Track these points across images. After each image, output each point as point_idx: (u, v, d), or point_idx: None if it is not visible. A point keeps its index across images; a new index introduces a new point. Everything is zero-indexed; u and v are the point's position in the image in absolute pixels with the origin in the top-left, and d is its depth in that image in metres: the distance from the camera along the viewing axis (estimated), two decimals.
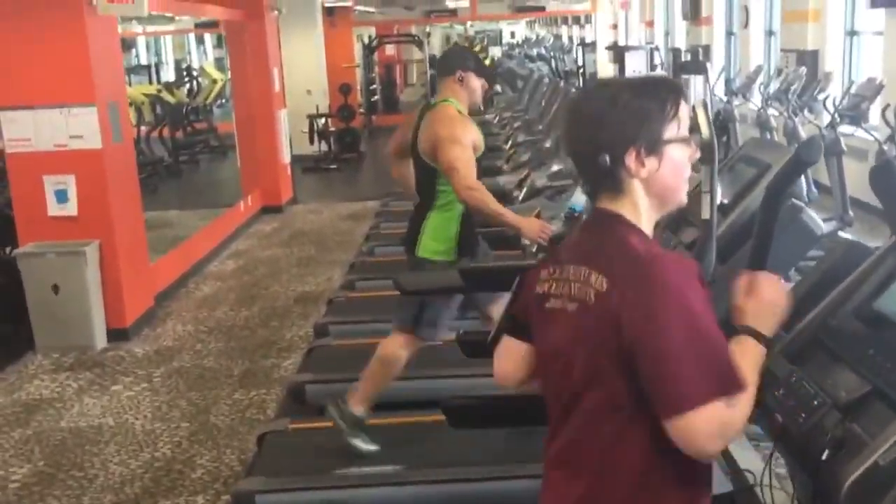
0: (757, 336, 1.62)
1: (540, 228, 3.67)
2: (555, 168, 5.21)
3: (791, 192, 2.34)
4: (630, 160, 1.59)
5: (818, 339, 1.79)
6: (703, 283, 1.57)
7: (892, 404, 1.50)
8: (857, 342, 1.71)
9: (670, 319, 1.48)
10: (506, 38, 37.04)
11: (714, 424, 1.47)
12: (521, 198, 4.75)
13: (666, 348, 1.48)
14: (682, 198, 1.68)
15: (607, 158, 1.59)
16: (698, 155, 1.71)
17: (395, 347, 3.72)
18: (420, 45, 19.62)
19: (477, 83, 3.80)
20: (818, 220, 2.32)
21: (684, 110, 1.63)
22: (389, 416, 3.95)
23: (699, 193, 2.22)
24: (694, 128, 1.69)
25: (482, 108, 12.55)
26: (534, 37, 35.38)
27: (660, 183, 1.62)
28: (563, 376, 1.67)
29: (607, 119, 1.60)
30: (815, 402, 1.60)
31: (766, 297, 1.65)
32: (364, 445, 3.72)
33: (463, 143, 3.61)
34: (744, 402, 1.51)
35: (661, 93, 1.62)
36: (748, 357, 1.59)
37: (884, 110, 6.67)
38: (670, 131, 1.60)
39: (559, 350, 1.67)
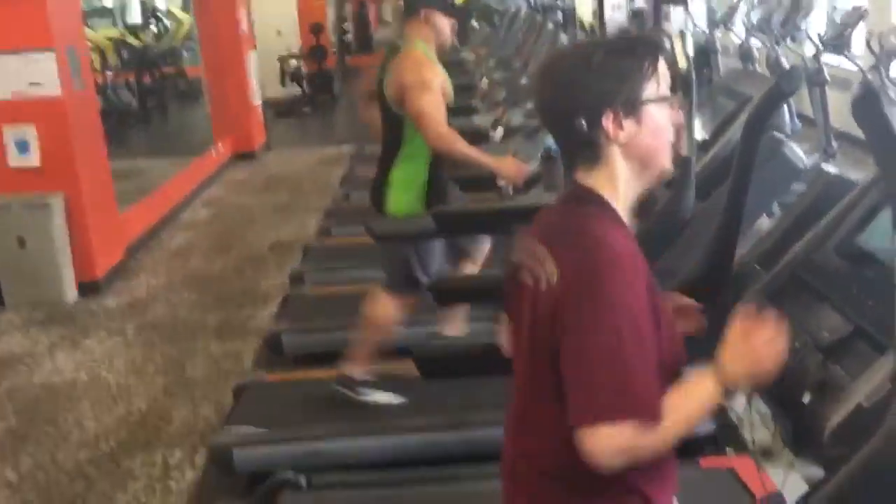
0: (721, 379, 1.49)
1: (516, 168, 3.62)
2: (531, 105, 5.13)
3: (772, 125, 2.29)
4: (607, 123, 1.51)
5: (799, 276, 1.76)
6: (651, 285, 1.51)
7: (875, 344, 1.48)
8: (840, 280, 1.68)
9: (598, 323, 1.43)
10: None
11: (616, 445, 1.42)
12: (497, 137, 4.68)
13: (586, 352, 1.44)
14: (666, 163, 1.58)
15: (584, 123, 1.51)
16: (681, 118, 1.63)
17: (384, 309, 3.67)
18: None
19: (444, 22, 3.67)
20: (800, 153, 2.28)
21: (663, 68, 1.55)
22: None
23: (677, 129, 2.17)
24: (685, 86, 1.62)
25: (457, 46, 12.39)
26: None
27: (640, 147, 1.54)
28: (516, 354, 1.66)
29: (581, 81, 1.52)
30: (797, 343, 1.57)
31: (757, 352, 1.48)
32: (387, 398, 3.65)
33: (431, 88, 3.50)
34: (661, 434, 1.44)
35: (637, 50, 1.54)
36: (695, 395, 1.49)
37: (867, 38, 6.59)
38: (649, 91, 1.52)
39: (517, 326, 1.64)
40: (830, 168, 6.84)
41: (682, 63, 1.93)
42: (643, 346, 1.44)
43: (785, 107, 7.76)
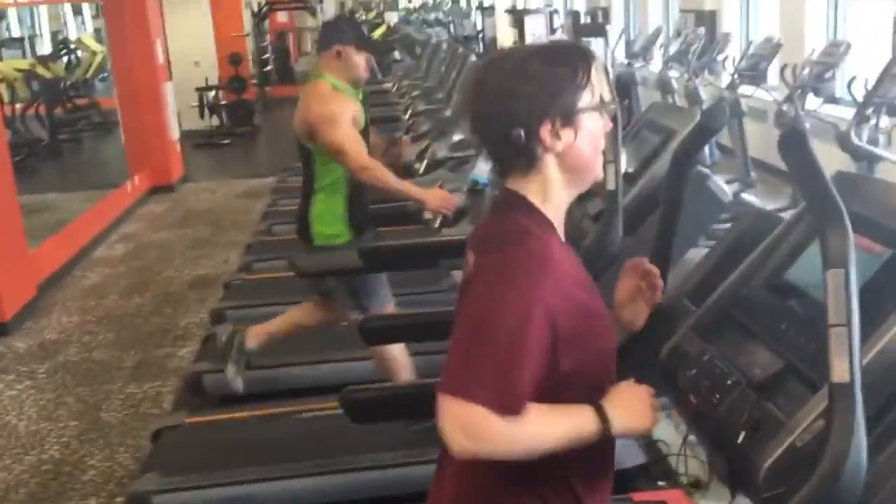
0: (602, 416, 1.48)
1: (444, 199, 3.63)
2: (456, 138, 5.15)
3: (696, 159, 2.32)
4: (545, 133, 1.51)
5: (730, 313, 1.77)
6: (584, 288, 1.51)
7: (807, 381, 1.49)
8: (770, 315, 1.69)
9: (493, 302, 1.43)
10: (402, 3, 36.74)
11: (461, 421, 1.39)
12: (421, 170, 4.68)
13: (467, 325, 1.45)
14: (598, 171, 1.60)
15: (522, 133, 1.50)
16: (611, 125, 1.63)
17: (312, 313, 3.74)
18: (312, 11, 19.27)
19: (358, 58, 3.67)
20: (724, 188, 2.32)
21: (595, 77, 1.55)
22: (289, 405, 3.85)
23: (604, 163, 2.18)
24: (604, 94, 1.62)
25: (380, 77, 12.42)
26: (431, 1, 35.20)
27: (575, 156, 1.54)
28: None
29: (518, 90, 1.50)
30: (729, 382, 1.58)
31: (629, 394, 1.52)
32: (235, 379, 3.73)
33: (340, 121, 3.51)
34: (514, 432, 1.41)
35: (571, 59, 1.54)
36: (571, 417, 1.48)
37: (782, 70, 6.81)
38: (584, 100, 1.52)
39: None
40: (750, 196, 7.00)
41: (606, 94, 1.94)
42: (529, 341, 1.42)
43: None
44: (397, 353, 3.59)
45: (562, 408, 1.48)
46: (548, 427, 1.46)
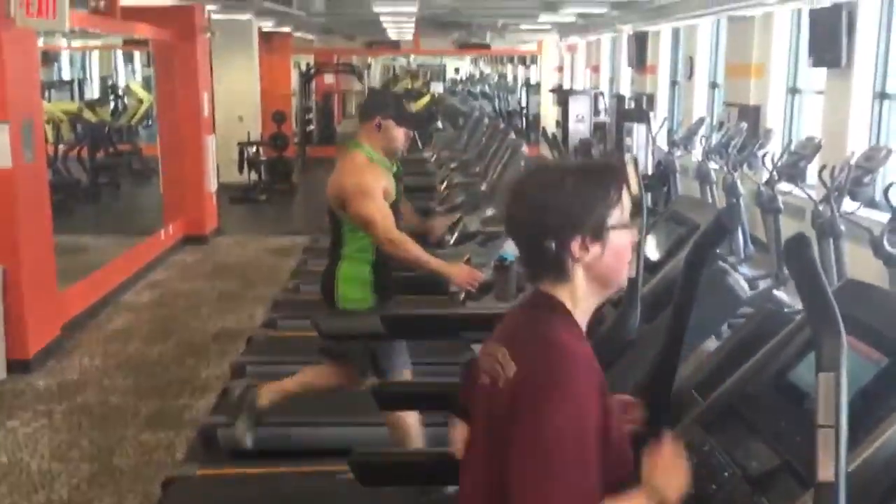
0: (653, 491, 1.60)
1: (469, 275, 3.72)
2: (488, 213, 5.26)
3: (717, 255, 2.41)
4: (575, 247, 1.63)
5: (734, 407, 1.84)
6: (603, 389, 1.59)
7: (800, 479, 1.55)
8: (771, 413, 1.76)
9: (561, 419, 1.51)
10: (450, 74, 37.42)
11: None
12: (451, 242, 4.79)
13: (541, 444, 1.51)
14: (623, 280, 1.71)
15: (553, 245, 1.62)
16: (638, 237, 1.77)
17: (326, 374, 3.81)
18: (359, 75, 19.72)
19: (397, 132, 3.82)
20: (743, 284, 2.39)
21: (626, 195, 1.68)
22: (300, 464, 3.91)
23: None
24: (635, 210, 1.74)
25: (420, 146, 12.65)
26: (478, 74, 35.83)
27: (602, 268, 1.66)
28: (466, 460, 1.74)
29: (553, 204, 1.63)
30: (726, 473, 1.64)
31: (666, 460, 1.64)
32: (244, 435, 3.83)
33: (373, 194, 3.64)
34: None
35: (605, 178, 1.66)
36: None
37: (820, 170, 6.89)
38: (614, 217, 1.64)
39: (474, 427, 1.73)
40: (782, 293, 7.01)
41: (633, 188, 2.05)
42: (591, 451, 1.52)
43: (740, 232, 8.05)
44: (411, 420, 3.66)
45: (621, 500, 1.57)
46: None
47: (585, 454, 1.51)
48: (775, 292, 7.07)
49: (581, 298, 1.67)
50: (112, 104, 16.03)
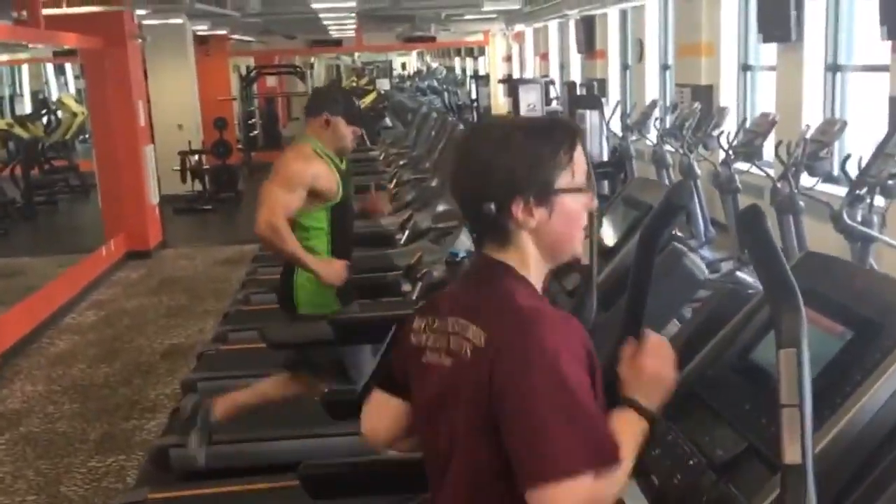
0: (638, 409, 1.58)
1: (339, 271, 3.71)
2: (440, 209, 5.23)
3: (673, 237, 2.39)
4: (517, 210, 1.55)
5: (696, 392, 1.81)
6: (587, 346, 1.54)
7: (768, 462, 1.53)
8: (734, 396, 1.74)
9: (543, 382, 1.45)
10: (396, 70, 37.38)
11: (579, 500, 1.42)
12: (402, 240, 4.75)
13: (533, 410, 1.44)
14: (576, 248, 1.65)
15: (493, 207, 1.55)
16: (595, 203, 1.69)
17: (280, 385, 3.80)
18: (302, 76, 19.61)
19: (345, 130, 3.79)
20: (701, 265, 2.38)
21: (580, 156, 1.60)
22: (252, 482, 3.85)
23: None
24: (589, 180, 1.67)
25: (369, 144, 12.59)
26: (425, 69, 35.83)
27: (551, 234, 1.59)
28: (434, 438, 1.65)
29: (495, 163, 1.55)
30: (691, 462, 1.61)
31: (650, 368, 1.62)
32: (197, 451, 3.81)
33: (288, 182, 3.61)
34: (616, 478, 1.47)
35: (555, 136, 1.58)
36: (626, 430, 1.54)
37: (777, 146, 6.95)
38: (563, 179, 1.57)
39: (431, 408, 1.64)
40: (745, 274, 7.07)
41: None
42: (588, 393, 1.48)
43: (699, 215, 8.11)
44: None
45: (616, 427, 1.53)
46: (628, 452, 1.52)
47: (588, 407, 1.47)
48: (738, 273, 7.13)
49: (531, 264, 1.61)
50: (45, 119, 15.74)
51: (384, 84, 26.63)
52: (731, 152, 7.72)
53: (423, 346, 1.65)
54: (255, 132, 18.29)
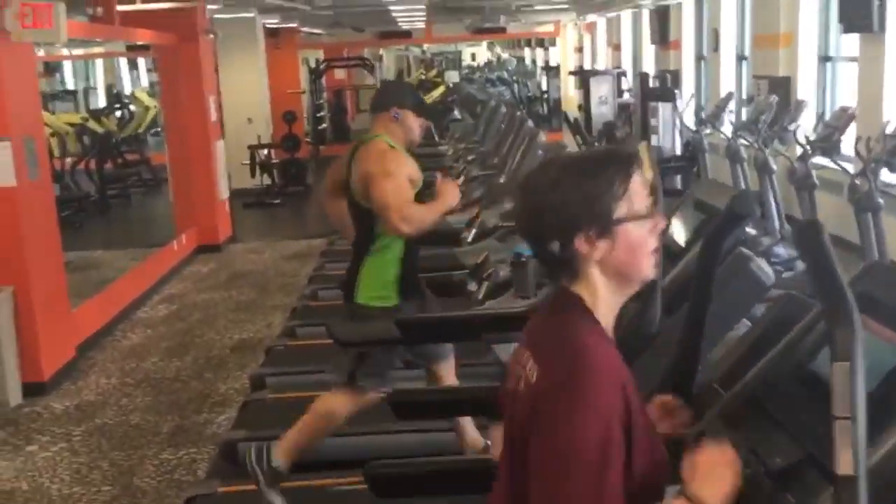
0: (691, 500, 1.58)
1: (453, 187, 3.86)
2: (508, 206, 5.27)
3: (739, 241, 2.41)
4: (580, 245, 1.62)
5: (756, 399, 1.85)
6: (628, 396, 1.57)
7: (825, 472, 1.56)
8: (794, 405, 1.77)
9: (581, 437, 1.51)
10: (466, 61, 37.42)
11: None
12: (470, 238, 4.81)
13: (556, 458, 1.52)
14: (647, 273, 1.69)
15: (556, 246, 1.63)
16: (664, 224, 1.73)
17: (334, 402, 3.74)
18: (371, 68, 19.75)
19: (414, 122, 3.85)
20: (768, 270, 2.39)
21: (636, 183, 1.64)
22: (322, 478, 3.95)
23: None
24: (655, 195, 1.71)
25: (437, 139, 12.66)
26: (495, 59, 35.80)
27: (617, 263, 1.64)
28: (502, 465, 1.75)
29: (550, 204, 1.62)
30: (748, 469, 1.65)
31: (707, 466, 1.61)
32: (271, 495, 3.71)
33: (394, 176, 3.66)
34: None
35: (608, 169, 1.63)
36: None
37: (856, 142, 6.84)
38: (622, 209, 1.62)
39: (504, 435, 1.74)
40: None
41: (648, 175, 2.06)
42: (615, 461, 1.51)
43: (774, 211, 8.01)
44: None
45: None
46: None
47: (607, 462, 1.50)
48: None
49: (601, 296, 1.66)
50: (118, 113, 16.16)
51: (453, 76, 26.71)
52: (808, 147, 7.62)
53: (508, 375, 1.75)
54: (324, 125, 18.50)
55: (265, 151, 13.30)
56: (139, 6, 8.65)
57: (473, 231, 4.81)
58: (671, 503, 1.59)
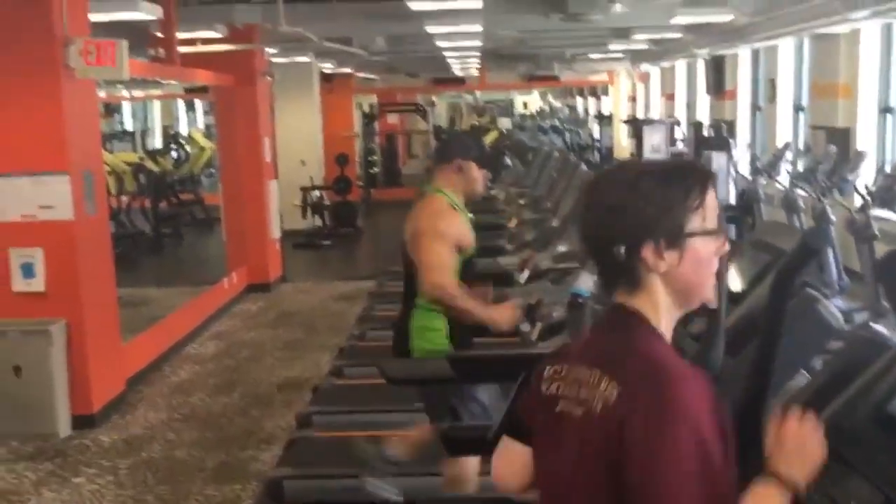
0: (784, 482, 1.55)
1: (513, 314, 3.69)
2: (560, 249, 5.23)
3: (806, 282, 2.34)
4: (647, 253, 1.56)
5: (830, 443, 1.77)
6: (720, 408, 1.53)
7: None
8: (870, 447, 1.69)
9: (680, 449, 1.45)
10: (518, 109, 37.59)
11: None
12: (523, 280, 4.77)
13: (665, 476, 1.45)
14: (707, 294, 1.63)
15: (622, 250, 1.56)
16: (727, 248, 1.66)
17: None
18: (424, 114, 19.92)
19: (478, 174, 3.80)
20: (835, 312, 2.32)
21: (712, 199, 1.60)
22: None
23: None
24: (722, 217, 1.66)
25: (489, 183, 12.67)
26: (547, 108, 35.92)
27: (681, 278, 1.58)
28: (555, 483, 1.65)
29: (624, 206, 1.57)
30: None
31: (796, 440, 1.58)
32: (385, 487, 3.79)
33: (442, 238, 3.61)
34: None
35: (686, 179, 1.59)
36: (767, 502, 1.53)
37: None
38: (694, 223, 1.57)
39: (563, 460, 1.63)
40: (880, 328, 6.82)
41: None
42: (720, 455, 1.46)
43: (832, 262, 7.87)
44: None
45: (755, 499, 1.52)
46: None
47: (707, 467, 1.45)
48: (872, 325, 6.87)
49: (661, 309, 1.60)
50: (174, 153, 16.42)
51: (506, 123, 26.81)
52: (868, 197, 7.50)
53: (557, 395, 1.65)
54: (376, 169, 18.64)
55: (317, 193, 13.42)
56: (199, 48, 8.82)
57: (526, 272, 4.77)
58: (759, 486, 1.54)
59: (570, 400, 1.61)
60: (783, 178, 9.67)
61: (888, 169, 8.00)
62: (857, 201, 7.92)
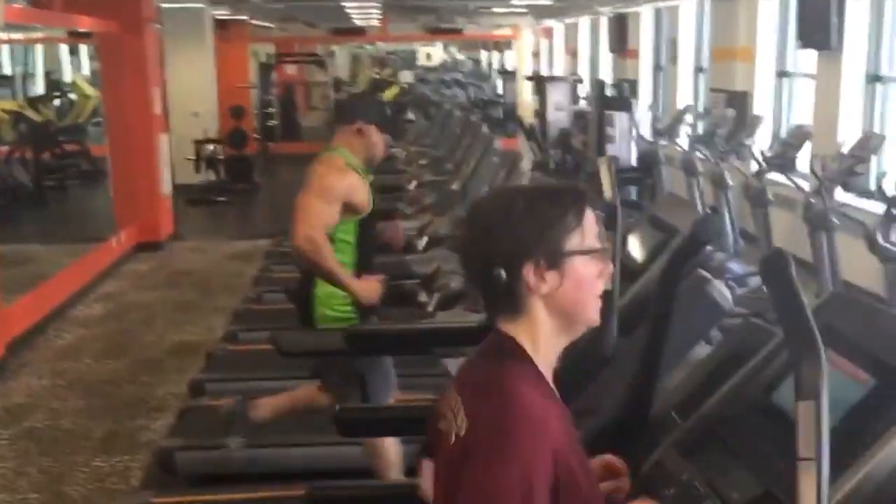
0: None
1: (376, 289, 3.70)
2: (461, 214, 5.26)
3: (698, 262, 2.42)
4: (528, 274, 1.57)
5: (714, 431, 1.84)
6: (569, 444, 1.55)
7: None
8: (753, 437, 1.77)
9: (494, 484, 1.48)
10: (421, 61, 37.40)
11: None
12: (421, 247, 4.78)
13: None
14: (593, 316, 1.65)
15: (503, 273, 1.57)
16: (611, 268, 1.68)
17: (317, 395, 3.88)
18: (323, 65, 19.66)
19: (378, 137, 3.79)
20: (726, 293, 2.40)
21: (590, 219, 1.63)
22: (260, 490, 3.90)
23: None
24: (604, 238, 1.68)
25: (389, 141, 12.61)
26: (451, 61, 35.85)
27: (563, 300, 1.59)
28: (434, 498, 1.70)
29: (501, 230, 1.58)
30: (706, 503, 1.65)
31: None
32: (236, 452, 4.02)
33: (325, 194, 3.60)
34: None
35: (562, 199, 1.62)
36: None
37: (812, 160, 6.95)
38: (573, 241, 1.59)
39: (437, 480, 1.68)
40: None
41: (608, 192, 2.03)
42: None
43: (728, 226, 8.11)
44: (389, 443, 3.65)
45: None
46: None
47: None
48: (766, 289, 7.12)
49: (543, 338, 1.61)
50: (57, 102, 15.87)
51: (407, 76, 26.67)
52: (763, 163, 7.72)
53: (439, 413, 1.68)
54: (273, 122, 18.36)
55: (211, 147, 13.16)
56: None
57: (425, 239, 4.79)
58: None
59: (446, 420, 1.64)
60: (683, 141, 9.88)
61: (783, 135, 8.23)
62: (754, 166, 8.15)
